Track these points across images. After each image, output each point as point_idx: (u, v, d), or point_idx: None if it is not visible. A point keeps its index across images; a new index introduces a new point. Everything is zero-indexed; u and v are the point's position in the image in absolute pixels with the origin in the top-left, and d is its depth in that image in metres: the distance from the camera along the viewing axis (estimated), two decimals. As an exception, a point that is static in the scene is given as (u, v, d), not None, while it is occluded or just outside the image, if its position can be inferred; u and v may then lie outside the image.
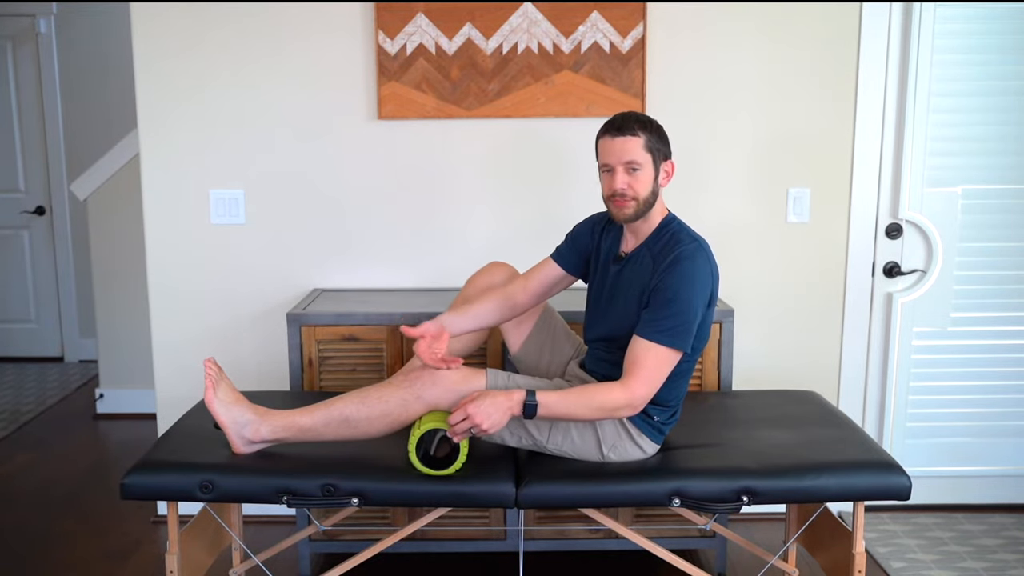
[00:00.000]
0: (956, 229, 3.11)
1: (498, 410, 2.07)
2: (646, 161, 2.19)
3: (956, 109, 3.05)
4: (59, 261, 5.45)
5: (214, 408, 2.17)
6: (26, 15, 5.23)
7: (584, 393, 2.14)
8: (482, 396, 2.09)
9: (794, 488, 2.14)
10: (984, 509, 3.26)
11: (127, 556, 3.00)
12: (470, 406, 2.07)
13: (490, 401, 2.07)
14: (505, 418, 2.08)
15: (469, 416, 2.06)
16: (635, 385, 2.12)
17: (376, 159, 3.07)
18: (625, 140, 2.18)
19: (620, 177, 2.19)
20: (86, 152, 5.23)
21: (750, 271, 3.12)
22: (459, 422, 2.07)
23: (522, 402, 2.09)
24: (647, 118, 2.23)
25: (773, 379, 3.13)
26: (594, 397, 2.12)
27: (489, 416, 2.06)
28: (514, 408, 2.09)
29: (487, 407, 2.07)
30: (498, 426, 2.08)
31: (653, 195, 2.22)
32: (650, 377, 2.13)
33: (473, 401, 2.08)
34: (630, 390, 2.11)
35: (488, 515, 2.81)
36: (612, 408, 2.12)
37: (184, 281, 3.12)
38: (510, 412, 2.09)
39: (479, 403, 2.07)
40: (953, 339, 3.17)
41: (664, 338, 2.12)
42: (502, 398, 2.08)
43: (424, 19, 2.96)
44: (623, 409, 2.13)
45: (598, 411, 2.12)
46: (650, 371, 2.12)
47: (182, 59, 3.01)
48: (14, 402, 4.72)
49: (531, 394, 2.09)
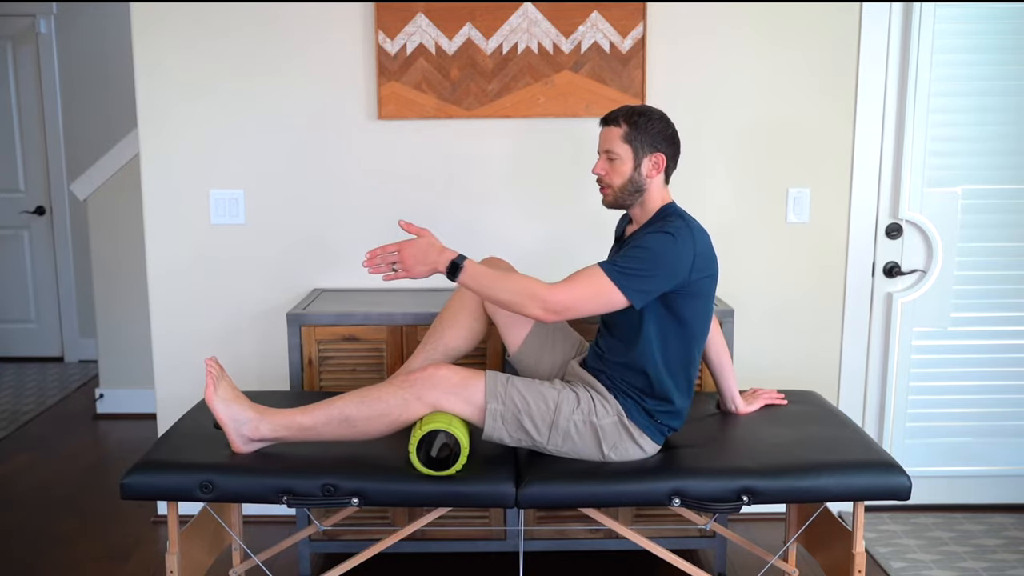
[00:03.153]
0: (956, 229, 3.11)
1: (427, 258, 2.16)
2: (624, 151, 2.25)
3: (956, 109, 3.05)
4: (59, 261, 5.45)
5: (214, 405, 2.17)
6: (26, 15, 5.23)
7: (510, 276, 2.18)
8: (423, 239, 2.17)
9: (794, 488, 2.14)
10: (984, 509, 3.26)
11: (127, 556, 3.00)
12: (406, 243, 2.17)
13: (426, 244, 2.17)
14: (427, 270, 2.16)
15: (400, 250, 2.16)
16: (558, 289, 2.14)
17: (376, 159, 3.07)
18: (608, 130, 2.29)
19: (599, 164, 2.31)
20: (86, 152, 5.24)
21: (750, 271, 3.13)
22: (391, 251, 2.16)
23: (450, 260, 2.15)
24: (642, 110, 2.27)
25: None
26: (518, 281, 2.16)
27: (416, 260, 2.16)
28: (440, 264, 2.16)
29: (419, 251, 2.16)
30: (416, 274, 2.16)
31: (632, 184, 2.26)
32: (576, 292, 2.14)
33: (413, 240, 2.17)
34: (551, 290, 2.14)
35: (488, 515, 2.81)
36: (529, 295, 2.13)
37: (184, 281, 3.12)
38: (435, 267, 2.16)
39: (416, 242, 2.17)
40: (953, 339, 3.17)
41: (612, 270, 2.14)
42: (436, 249, 2.16)
43: (424, 19, 2.96)
44: (536, 302, 2.13)
45: (515, 294, 2.14)
46: (580, 286, 2.14)
47: (182, 59, 3.01)
48: (14, 402, 4.72)
49: (461, 257, 2.16)
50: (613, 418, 2.23)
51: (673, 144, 2.29)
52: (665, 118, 2.28)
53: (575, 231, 3.09)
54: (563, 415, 2.21)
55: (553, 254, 3.10)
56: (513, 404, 2.19)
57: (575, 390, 2.26)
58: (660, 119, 2.27)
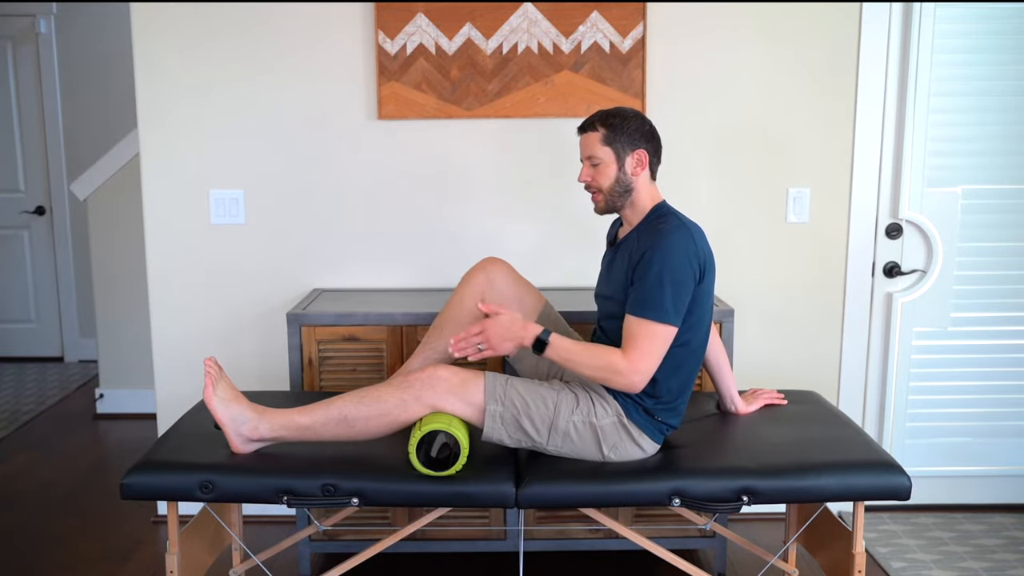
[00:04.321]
0: (956, 229, 3.11)
1: (511, 335, 2.16)
2: (606, 154, 2.26)
3: (956, 109, 3.05)
4: (59, 261, 5.45)
5: (213, 406, 2.17)
6: (26, 15, 5.23)
7: (593, 348, 2.18)
8: (504, 316, 2.17)
9: (794, 488, 2.14)
10: (984, 509, 3.26)
11: (127, 556, 3.00)
12: (489, 322, 2.15)
13: (508, 322, 2.16)
14: (512, 347, 2.16)
15: (484, 330, 2.15)
16: (635, 356, 2.14)
17: (376, 159, 3.07)
18: (587, 136, 2.31)
19: (584, 171, 2.32)
20: (86, 152, 5.24)
21: (750, 271, 3.12)
22: (475, 334, 2.16)
23: (536, 336, 2.15)
24: (615, 112, 2.28)
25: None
26: (601, 355, 2.16)
27: (502, 338, 2.16)
28: (526, 339, 2.16)
29: (503, 329, 2.16)
30: (503, 351, 2.15)
31: (620, 185, 2.27)
32: (647, 350, 2.15)
33: (494, 318, 2.16)
34: (631, 360, 2.14)
35: (488, 515, 2.81)
36: (614, 371, 2.14)
37: (184, 281, 3.12)
38: (520, 342, 2.17)
39: (498, 320, 2.16)
40: (953, 339, 3.17)
41: (651, 312, 2.15)
42: (519, 325, 2.17)
43: (424, 19, 2.96)
44: (623, 376, 2.14)
45: (600, 370, 2.15)
46: (645, 344, 2.15)
47: (182, 59, 3.01)
48: (14, 402, 4.72)
49: (546, 331, 2.16)
50: (612, 418, 2.22)
51: (652, 140, 2.30)
52: (640, 115, 2.30)
53: (575, 231, 3.09)
54: (562, 416, 2.21)
55: (553, 254, 3.10)
56: (512, 405, 2.19)
57: (574, 391, 2.26)
58: (635, 117, 2.28)
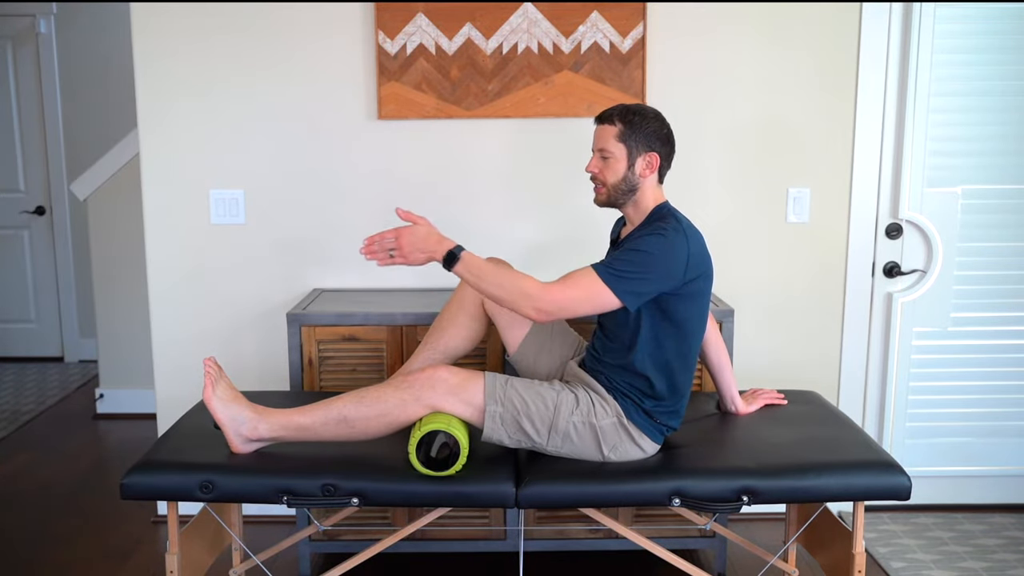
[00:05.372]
0: (956, 229, 3.11)
1: (425, 246, 2.15)
2: (618, 150, 2.24)
3: (956, 109, 3.05)
4: (59, 261, 5.45)
5: (212, 406, 2.17)
6: (26, 15, 5.23)
7: (506, 272, 2.17)
8: (421, 227, 2.16)
9: (794, 488, 2.14)
10: (984, 509, 3.26)
11: (127, 556, 3.00)
12: (404, 229, 2.15)
13: (425, 233, 2.16)
14: (424, 258, 2.15)
15: (399, 236, 2.15)
16: (551, 289, 2.13)
17: (376, 159, 3.07)
18: (603, 128, 2.28)
19: (592, 162, 2.30)
20: (86, 152, 5.24)
21: (750, 271, 3.12)
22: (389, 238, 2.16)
23: (448, 249, 2.14)
24: (636, 109, 2.26)
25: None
26: (513, 278, 2.14)
27: (414, 247, 2.15)
28: (438, 253, 2.15)
29: (417, 239, 2.15)
30: (413, 260, 2.15)
31: (626, 183, 2.25)
32: (569, 292, 2.13)
33: (411, 227, 2.15)
34: (545, 289, 2.13)
35: (488, 515, 2.81)
36: (521, 293, 2.13)
37: (184, 281, 3.12)
38: (432, 255, 2.15)
39: (414, 229, 2.15)
40: (953, 339, 3.17)
41: (605, 272, 2.14)
42: (435, 238, 2.16)
43: (424, 19, 2.96)
44: (528, 301, 2.12)
45: (508, 291, 2.13)
46: (573, 287, 2.13)
47: (182, 59, 3.01)
48: (14, 402, 4.72)
49: (459, 247, 2.15)
50: (612, 419, 2.22)
51: (668, 144, 2.28)
52: (660, 117, 2.27)
53: (575, 231, 3.09)
54: (562, 416, 2.21)
55: (553, 254, 3.10)
56: (512, 406, 2.19)
57: (574, 391, 2.26)
58: (655, 118, 2.26)
